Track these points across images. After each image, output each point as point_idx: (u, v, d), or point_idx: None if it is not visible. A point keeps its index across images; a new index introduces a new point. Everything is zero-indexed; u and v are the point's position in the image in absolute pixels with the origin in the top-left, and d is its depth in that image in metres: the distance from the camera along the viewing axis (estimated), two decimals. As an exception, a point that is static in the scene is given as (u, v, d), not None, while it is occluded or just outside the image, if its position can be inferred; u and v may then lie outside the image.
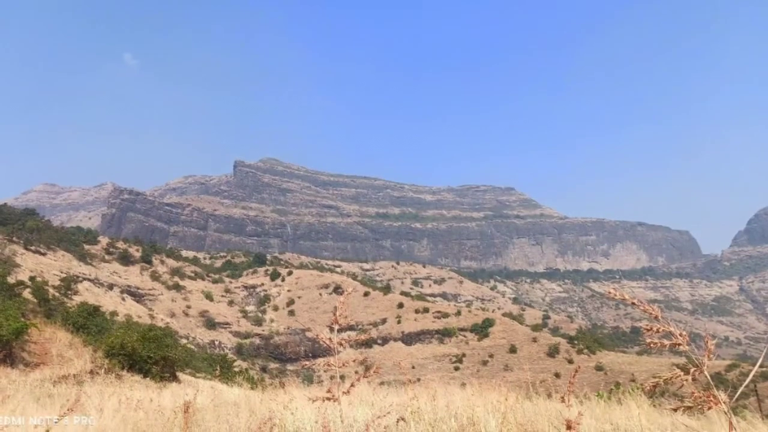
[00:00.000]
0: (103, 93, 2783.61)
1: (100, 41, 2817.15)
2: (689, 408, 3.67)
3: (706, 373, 3.53)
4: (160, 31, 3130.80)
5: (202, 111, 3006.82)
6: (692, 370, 3.59)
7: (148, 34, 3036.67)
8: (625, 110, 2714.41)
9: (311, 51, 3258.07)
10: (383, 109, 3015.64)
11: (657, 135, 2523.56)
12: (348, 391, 4.64)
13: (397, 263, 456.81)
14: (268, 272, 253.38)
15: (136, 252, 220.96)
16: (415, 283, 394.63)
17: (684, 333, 3.66)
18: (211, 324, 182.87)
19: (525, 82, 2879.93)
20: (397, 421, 8.95)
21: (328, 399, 4.57)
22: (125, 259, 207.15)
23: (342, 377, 4.67)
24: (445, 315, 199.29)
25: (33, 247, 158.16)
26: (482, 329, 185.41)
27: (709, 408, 3.57)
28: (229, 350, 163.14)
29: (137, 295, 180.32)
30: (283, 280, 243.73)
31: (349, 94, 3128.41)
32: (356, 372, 6.01)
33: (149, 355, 32.11)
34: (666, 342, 3.67)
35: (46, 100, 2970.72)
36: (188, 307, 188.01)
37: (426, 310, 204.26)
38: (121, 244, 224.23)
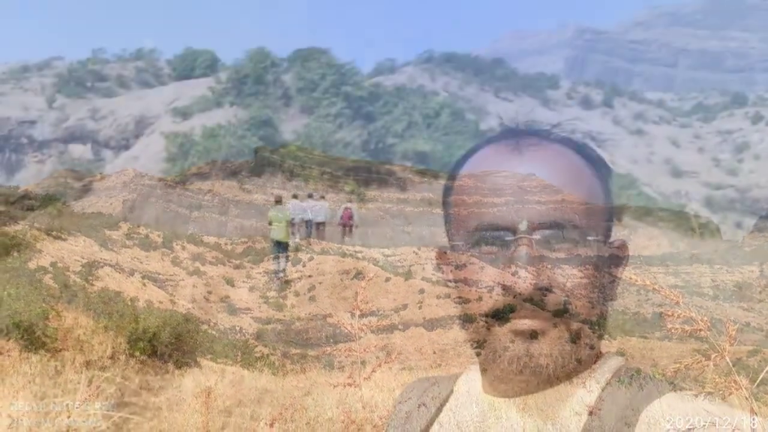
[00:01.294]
0: None
1: None
2: (710, 393, 3.61)
3: (727, 358, 3.46)
4: None
5: None
6: (713, 355, 3.53)
7: None
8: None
9: None
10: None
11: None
12: (369, 377, 4.63)
13: (419, 249, 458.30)
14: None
15: (157, 238, 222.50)
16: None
17: (705, 319, 3.60)
18: (232, 310, 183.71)
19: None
20: (419, 407, 8.95)
21: (349, 385, 4.56)
22: (146, 245, 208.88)
23: (363, 363, 4.66)
24: (467, 300, 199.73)
25: (54, 233, 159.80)
26: (504, 314, 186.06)
27: (731, 393, 3.51)
28: (250, 336, 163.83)
29: (158, 281, 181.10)
30: (303, 265, 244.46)
31: None
32: (377, 358, 6.02)
33: (170, 341, 32.21)
34: (687, 328, 3.60)
35: None
36: (209, 292, 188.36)
37: (447, 296, 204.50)
38: (141, 230, 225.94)
